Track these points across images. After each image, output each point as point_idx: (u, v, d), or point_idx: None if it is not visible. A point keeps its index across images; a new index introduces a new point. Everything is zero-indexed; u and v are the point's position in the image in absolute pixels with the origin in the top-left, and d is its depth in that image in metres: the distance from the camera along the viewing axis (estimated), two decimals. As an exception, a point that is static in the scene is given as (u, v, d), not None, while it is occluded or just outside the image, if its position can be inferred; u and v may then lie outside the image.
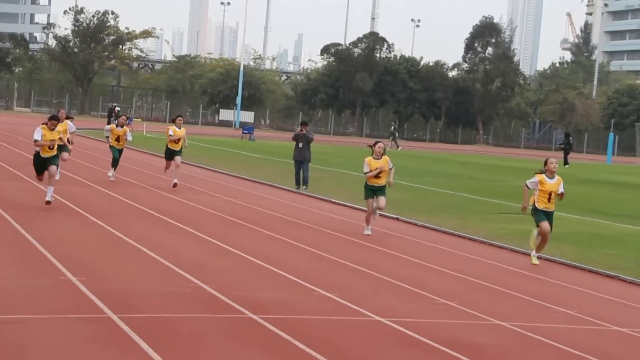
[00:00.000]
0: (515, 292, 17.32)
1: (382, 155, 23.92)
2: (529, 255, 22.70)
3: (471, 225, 27.61)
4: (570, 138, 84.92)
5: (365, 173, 23.90)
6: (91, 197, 27.44)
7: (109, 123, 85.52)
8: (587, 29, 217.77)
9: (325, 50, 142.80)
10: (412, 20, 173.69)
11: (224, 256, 18.94)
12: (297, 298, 15.10)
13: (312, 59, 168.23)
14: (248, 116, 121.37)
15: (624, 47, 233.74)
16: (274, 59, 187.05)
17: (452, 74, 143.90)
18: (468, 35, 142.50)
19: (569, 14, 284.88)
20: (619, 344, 13.72)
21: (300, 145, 36.52)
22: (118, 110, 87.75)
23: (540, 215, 21.30)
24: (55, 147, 24.08)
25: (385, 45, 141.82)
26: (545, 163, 21.59)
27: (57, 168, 25.30)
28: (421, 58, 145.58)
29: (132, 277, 15.76)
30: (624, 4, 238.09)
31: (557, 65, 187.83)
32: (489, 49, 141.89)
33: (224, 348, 11.60)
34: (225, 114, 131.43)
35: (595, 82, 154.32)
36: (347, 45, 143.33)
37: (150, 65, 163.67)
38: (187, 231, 22.05)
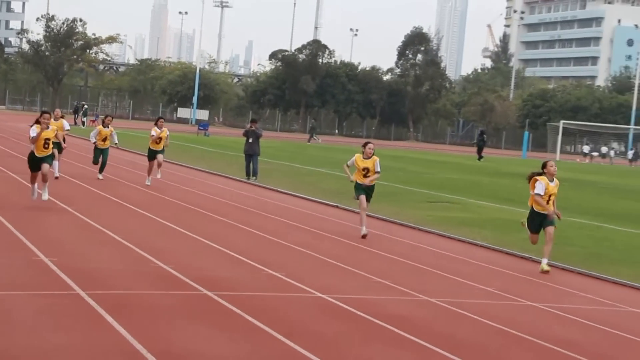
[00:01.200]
0: (441, 272, 17.40)
1: (371, 156, 21.40)
2: (452, 238, 22.77)
3: (403, 212, 27.71)
4: (484, 136, 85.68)
5: (347, 164, 21.79)
6: (63, 187, 27.22)
7: (75, 120, 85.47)
8: (505, 39, 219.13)
9: (273, 55, 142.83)
10: (351, 29, 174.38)
11: (181, 239, 18.90)
12: (247, 276, 15.10)
13: (261, 64, 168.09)
14: (203, 114, 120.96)
15: (537, 55, 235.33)
16: (226, 63, 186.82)
17: (386, 77, 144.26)
18: (400, 44, 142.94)
19: (489, 26, 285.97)
20: (531, 316, 13.83)
21: (250, 140, 36.67)
22: (86, 108, 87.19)
23: (535, 224, 18.51)
24: (51, 146, 21.54)
25: (327, 52, 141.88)
26: (545, 166, 18.34)
27: (50, 167, 22.09)
28: (359, 63, 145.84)
29: (98, 257, 15.71)
30: (537, 18, 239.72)
31: (479, 71, 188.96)
32: (419, 56, 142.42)
33: (182, 321, 11.57)
34: (182, 112, 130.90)
35: (512, 86, 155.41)
36: (293, 51, 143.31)
37: (114, 68, 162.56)
38: (148, 217, 22.01)
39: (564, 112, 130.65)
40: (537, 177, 18.32)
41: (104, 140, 30.91)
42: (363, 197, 21.33)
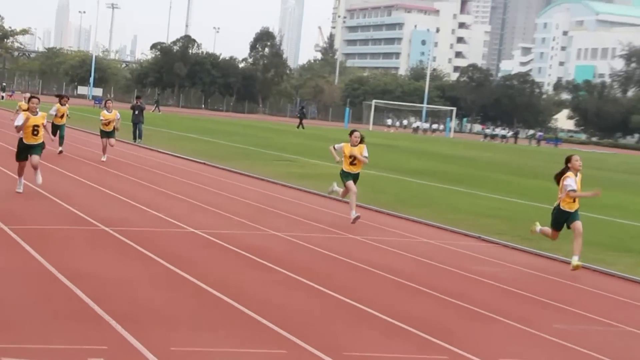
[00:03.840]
0: (285, 213, 17.47)
1: (358, 143, 16.85)
2: (292, 187, 22.81)
3: (256, 168, 27.67)
4: (304, 109, 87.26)
5: (334, 147, 17.30)
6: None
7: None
8: (331, 37, 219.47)
9: (153, 46, 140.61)
10: (214, 28, 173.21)
11: (84, 188, 18.57)
12: (136, 216, 14.93)
13: (144, 53, 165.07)
14: (98, 91, 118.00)
15: (356, 51, 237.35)
16: (117, 52, 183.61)
17: (242, 65, 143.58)
18: (252, 39, 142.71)
19: (319, 27, 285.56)
20: (354, 247, 14.01)
21: (136, 112, 36.51)
22: (4, 85, 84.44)
23: (560, 222, 13.72)
24: (41, 133, 16.42)
25: (195, 44, 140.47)
26: (569, 160, 13.64)
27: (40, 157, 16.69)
28: (220, 54, 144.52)
29: (19, 201, 15.35)
30: (356, 22, 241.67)
31: (312, 61, 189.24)
32: (266, 49, 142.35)
33: (86, 249, 11.42)
34: (82, 90, 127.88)
35: (337, 74, 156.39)
36: (169, 43, 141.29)
37: (27, 54, 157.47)
38: (57, 170, 21.50)
39: (375, 93, 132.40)
40: (566, 175, 13.61)
41: (62, 117, 27.82)
42: (350, 182, 16.79)
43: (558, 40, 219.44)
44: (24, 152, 16.43)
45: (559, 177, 13.86)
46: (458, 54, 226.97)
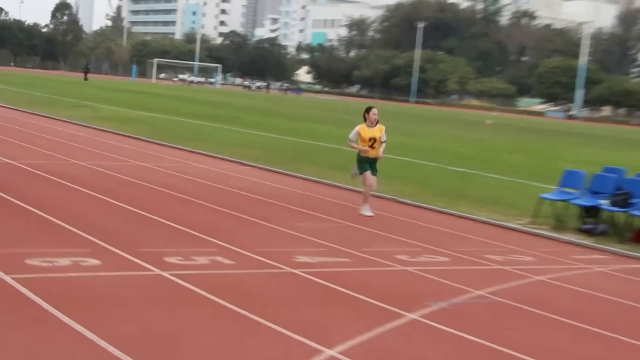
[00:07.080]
0: (83, 146, 16.84)
1: (376, 123, 11.27)
2: (89, 127, 22.01)
3: (58, 112, 26.38)
4: (88, 65, 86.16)
5: (350, 140, 11.36)
6: None
7: None
8: (119, 8, 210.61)
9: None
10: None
11: None
12: (8, 177, 13.99)
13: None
14: None
15: (140, 19, 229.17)
16: None
17: (44, 30, 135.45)
18: (52, 9, 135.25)
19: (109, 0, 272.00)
20: (139, 171, 13.82)
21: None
22: None
23: None
24: None
25: (3, 12, 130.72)
26: None
27: None
28: (25, 20, 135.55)
29: None
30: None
31: (104, 28, 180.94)
32: (65, 17, 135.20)
33: None
34: None
35: (125, 38, 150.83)
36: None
37: None
38: None
39: (157, 54, 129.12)
40: None
41: None
42: (369, 174, 11.28)
43: (298, 12, 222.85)
44: None
45: None
46: (222, 23, 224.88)
